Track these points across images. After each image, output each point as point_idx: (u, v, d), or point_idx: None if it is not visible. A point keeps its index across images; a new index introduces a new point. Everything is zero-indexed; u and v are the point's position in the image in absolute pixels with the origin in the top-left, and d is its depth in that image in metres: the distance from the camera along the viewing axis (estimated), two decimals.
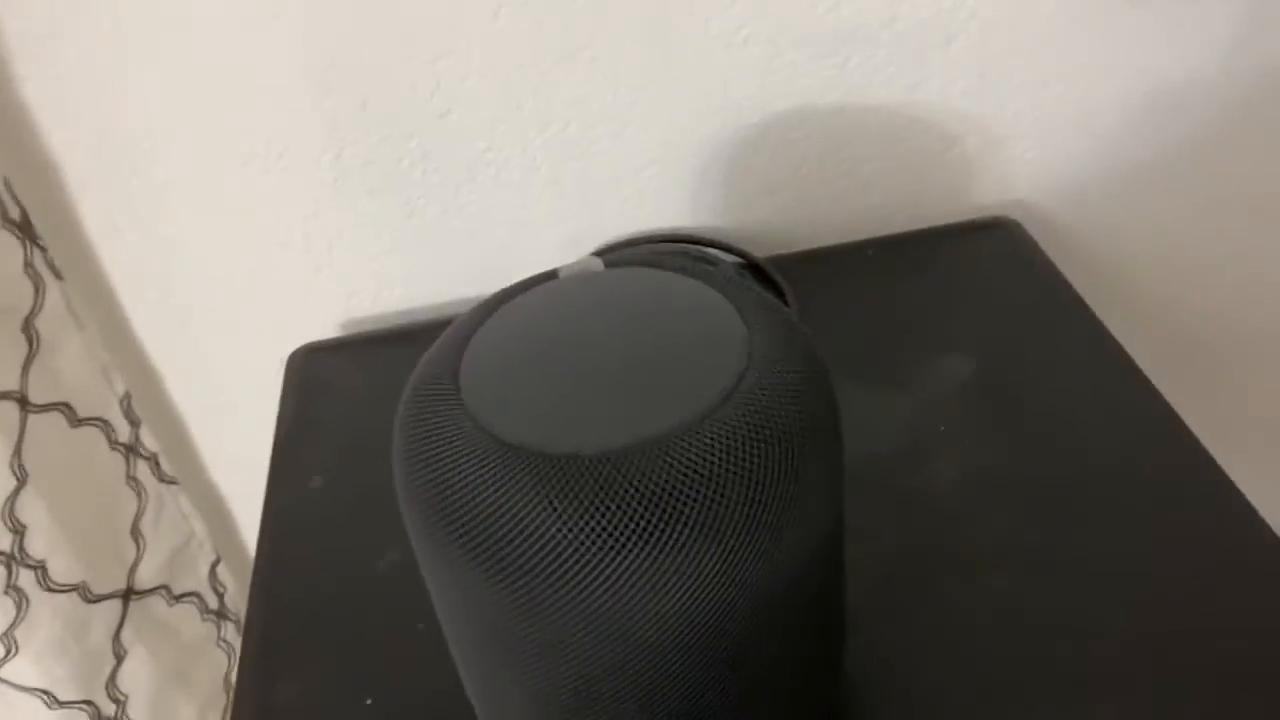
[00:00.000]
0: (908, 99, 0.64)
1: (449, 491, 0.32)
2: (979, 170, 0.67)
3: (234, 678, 0.77)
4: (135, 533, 0.70)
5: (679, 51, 0.61)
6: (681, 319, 0.35)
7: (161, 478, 0.72)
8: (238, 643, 0.79)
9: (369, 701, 0.45)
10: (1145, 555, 0.45)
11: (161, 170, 0.62)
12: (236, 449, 0.76)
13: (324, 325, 0.69)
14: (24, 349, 0.62)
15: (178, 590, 0.74)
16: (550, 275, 0.39)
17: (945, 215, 0.68)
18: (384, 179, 0.64)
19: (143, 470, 0.71)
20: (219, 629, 0.78)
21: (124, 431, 0.69)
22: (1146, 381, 0.54)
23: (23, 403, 0.62)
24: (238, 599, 0.80)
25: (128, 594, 0.70)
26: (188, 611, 0.75)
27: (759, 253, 0.66)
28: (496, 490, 0.31)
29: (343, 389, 0.63)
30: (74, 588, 0.67)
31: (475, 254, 0.67)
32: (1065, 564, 0.45)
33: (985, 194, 0.69)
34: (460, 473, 0.32)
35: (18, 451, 0.62)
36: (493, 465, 0.32)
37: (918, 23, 0.61)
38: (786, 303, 0.63)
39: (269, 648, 0.49)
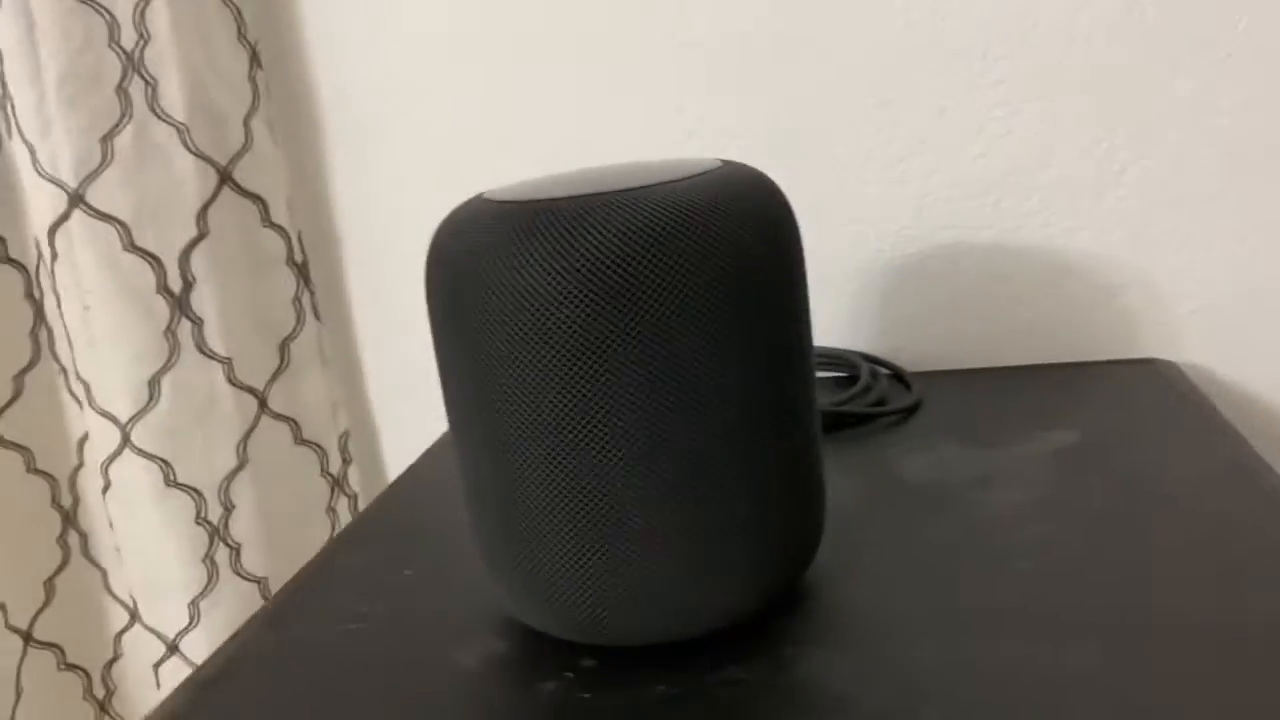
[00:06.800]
0: (1064, 244, 0.71)
1: (463, 243, 0.39)
2: (1139, 322, 0.72)
3: None
4: None
5: (838, 182, 0.72)
6: (670, 165, 0.43)
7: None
8: None
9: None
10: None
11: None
12: None
13: None
14: (275, 362, 0.75)
15: None
16: None
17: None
18: None
19: (342, 505, 0.80)
20: None
21: (336, 465, 0.79)
22: None
23: (262, 404, 0.75)
24: None
25: None
26: None
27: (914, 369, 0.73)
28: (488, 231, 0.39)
29: None
30: (258, 581, 0.74)
31: None
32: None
33: (1145, 346, 0.73)
34: (469, 224, 0.40)
35: (246, 438, 0.73)
36: (489, 215, 0.39)
37: (1067, 174, 0.69)
38: (907, 385, 0.69)
39: None
